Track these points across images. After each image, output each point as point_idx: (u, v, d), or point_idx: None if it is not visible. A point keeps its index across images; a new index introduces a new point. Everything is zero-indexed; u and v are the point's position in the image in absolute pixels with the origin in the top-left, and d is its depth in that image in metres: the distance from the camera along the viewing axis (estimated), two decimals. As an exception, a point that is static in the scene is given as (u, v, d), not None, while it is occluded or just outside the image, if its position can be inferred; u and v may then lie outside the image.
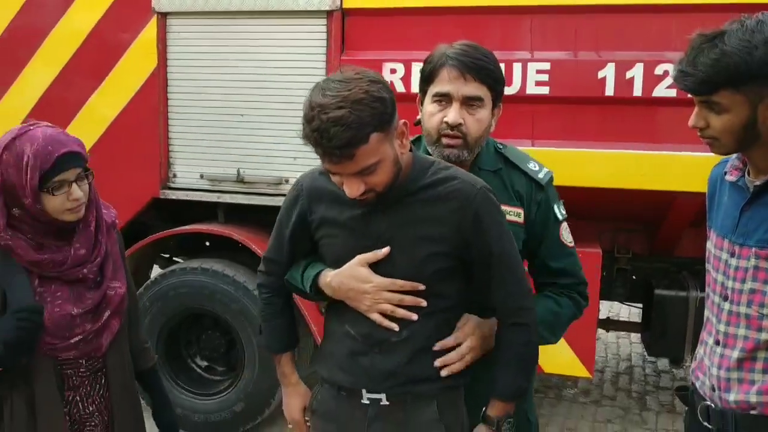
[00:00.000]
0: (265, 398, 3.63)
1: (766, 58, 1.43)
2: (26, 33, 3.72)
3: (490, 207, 1.66)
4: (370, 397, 1.71)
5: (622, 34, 3.06)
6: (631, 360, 4.89)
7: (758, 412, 1.55)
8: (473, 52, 1.86)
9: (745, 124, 1.50)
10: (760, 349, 1.55)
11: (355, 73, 1.54)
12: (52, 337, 1.79)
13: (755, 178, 1.58)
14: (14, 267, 1.77)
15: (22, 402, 1.81)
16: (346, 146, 1.47)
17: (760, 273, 1.53)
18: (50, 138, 1.74)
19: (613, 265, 3.62)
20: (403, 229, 1.65)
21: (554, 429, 3.82)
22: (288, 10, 3.37)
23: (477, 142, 1.87)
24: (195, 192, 3.66)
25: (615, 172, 3.11)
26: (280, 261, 1.85)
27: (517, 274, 1.70)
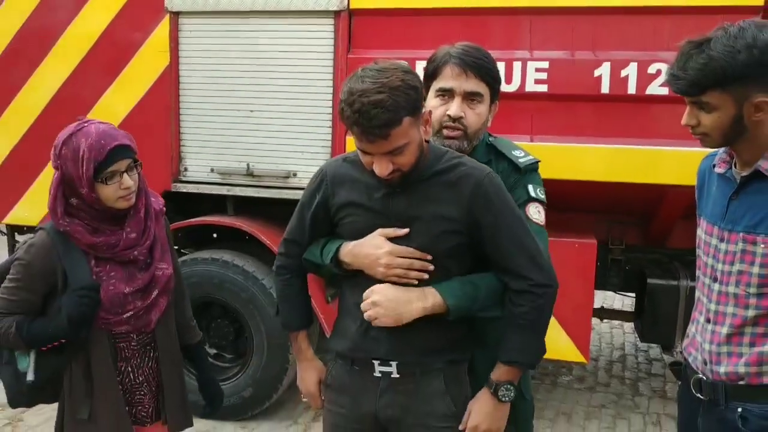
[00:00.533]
0: (273, 384, 3.77)
1: (748, 60, 1.59)
2: (41, 32, 3.84)
3: (496, 188, 1.80)
4: (381, 370, 1.85)
5: (617, 34, 3.20)
6: (624, 349, 5.05)
7: (746, 382, 1.70)
8: (474, 51, 2.03)
9: (732, 121, 1.65)
10: (747, 324, 1.70)
11: (391, 64, 1.70)
12: (107, 313, 1.99)
13: (741, 170, 1.73)
14: (74, 250, 1.98)
15: (80, 371, 2.03)
16: (383, 126, 1.63)
17: (747, 256, 1.68)
18: (103, 133, 1.94)
19: (607, 255, 3.77)
20: (420, 210, 1.79)
21: (550, 413, 3.97)
22: (297, 10, 3.50)
23: (476, 135, 2.03)
24: (205, 185, 3.79)
25: (610, 166, 3.25)
26: (301, 242, 1.98)
27: (525, 246, 1.79)
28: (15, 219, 4.14)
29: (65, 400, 2.07)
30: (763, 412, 1.68)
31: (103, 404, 2.04)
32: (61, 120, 3.74)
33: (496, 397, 1.82)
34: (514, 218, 1.81)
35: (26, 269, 1.99)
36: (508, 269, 1.79)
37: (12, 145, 3.99)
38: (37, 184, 3.99)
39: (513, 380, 1.83)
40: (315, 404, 2.06)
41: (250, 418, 3.83)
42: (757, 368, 1.69)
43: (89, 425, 2.03)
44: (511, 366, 1.82)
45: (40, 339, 1.99)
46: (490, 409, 1.83)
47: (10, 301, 2.00)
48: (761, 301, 1.67)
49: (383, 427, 1.91)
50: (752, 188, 1.70)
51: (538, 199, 2.02)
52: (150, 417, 2.16)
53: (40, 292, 2.01)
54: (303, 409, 4.03)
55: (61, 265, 1.97)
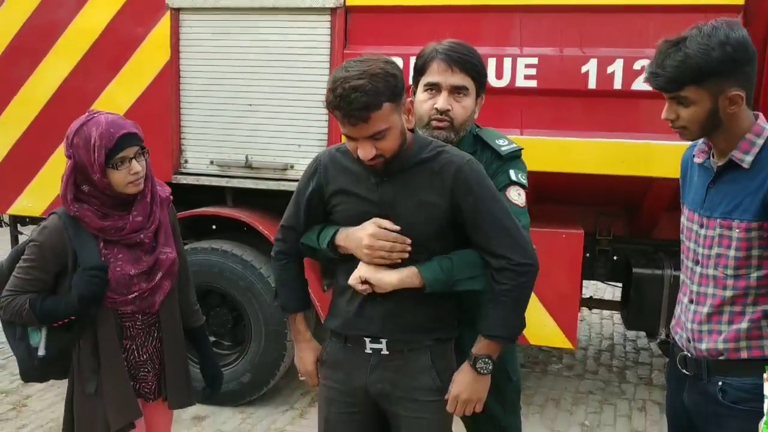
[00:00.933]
0: (270, 370, 3.88)
1: (722, 57, 1.70)
2: (45, 27, 3.94)
3: (476, 174, 1.91)
4: (372, 347, 1.98)
5: (604, 32, 3.31)
6: (613, 339, 5.18)
7: (725, 357, 1.82)
8: (460, 48, 2.16)
9: (708, 114, 1.77)
10: (726, 304, 1.82)
11: (374, 56, 1.82)
12: (114, 293, 2.11)
13: (718, 160, 1.85)
14: (83, 233, 2.10)
15: (88, 348, 2.15)
16: (363, 109, 1.73)
17: (724, 240, 1.80)
18: (111, 122, 2.06)
19: (595, 246, 3.89)
20: (406, 196, 1.91)
21: (540, 399, 4.10)
22: (294, 7, 3.61)
23: (462, 126, 2.16)
24: (205, 177, 3.89)
25: (596, 159, 3.36)
26: (298, 228, 2.09)
27: (504, 227, 1.89)
28: (19, 210, 4.24)
29: (74, 375, 2.19)
30: (740, 385, 1.81)
31: (109, 379, 2.15)
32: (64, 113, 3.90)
33: (475, 369, 1.93)
34: (494, 202, 1.91)
35: (40, 249, 2.11)
36: (489, 249, 1.90)
37: (16, 138, 4.09)
38: (41, 176, 4.09)
39: (492, 354, 1.94)
40: (312, 382, 2.18)
41: (248, 404, 3.95)
42: (734, 344, 1.81)
43: (96, 399, 2.14)
44: (491, 340, 1.93)
45: (52, 315, 2.10)
46: (469, 381, 1.94)
47: (24, 280, 2.12)
48: (738, 282, 1.79)
49: (374, 400, 2.03)
50: (727, 177, 1.82)
51: (519, 183, 2.13)
52: (153, 393, 2.27)
53: (53, 271, 2.12)
54: (300, 394, 4.15)
55: (72, 246, 2.09)
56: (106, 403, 2.15)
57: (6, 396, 4.08)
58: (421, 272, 1.91)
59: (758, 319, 1.79)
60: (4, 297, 2.14)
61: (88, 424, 2.18)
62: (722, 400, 1.82)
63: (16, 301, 2.11)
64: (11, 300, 2.12)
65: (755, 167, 1.77)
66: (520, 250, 1.89)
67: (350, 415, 2.05)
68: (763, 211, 1.74)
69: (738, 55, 1.71)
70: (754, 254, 1.77)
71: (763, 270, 1.77)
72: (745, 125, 1.79)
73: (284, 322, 3.79)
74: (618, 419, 3.88)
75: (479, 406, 2.00)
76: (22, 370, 2.22)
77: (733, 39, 1.71)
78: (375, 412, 2.06)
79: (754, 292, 1.79)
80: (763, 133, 1.79)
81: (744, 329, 1.80)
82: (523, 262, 1.88)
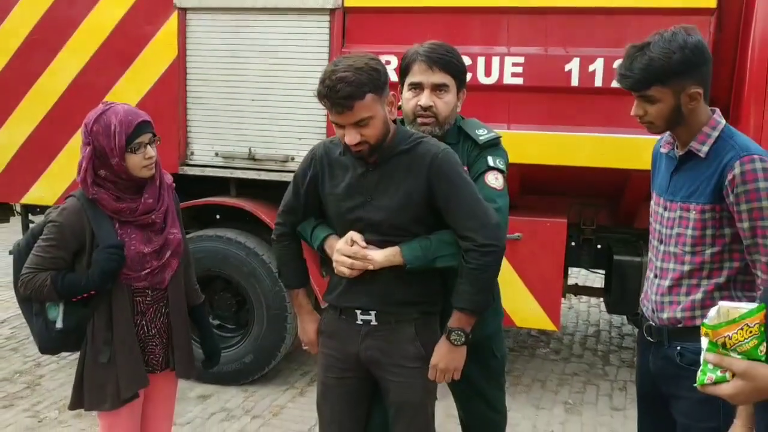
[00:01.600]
0: (272, 351, 4.10)
1: (681, 59, 1.92)
2: (59, 24, 4.14)
3: (449, 162, 2.10)
4: (362, 318, 2.21)
5: (586, 32, 3.53)
6: (599, 325, 5.41)
7: (683, 325, 2.05)
8: (438, 48, 2.37)
9: (672, 110, 1.99)
10: (684, 278, 2.04)
11: (361, 53, 2.07)
12: (128, 269, 2.30)
13: (680, 150, 2.07)
14: (100, 214, 2.29)
15: (102, 321, 2.33)
16: (347, 98, 1.96)
17: (683, 221, 2.03)
18: (129, 111, 2.27)
19: (579, 235, 4.11)
20: (390, 184, 2.12)
21: (527, 380, 4.33)
22: (295, 8, 3.82)
23: (446, 120, 2.36)
24: (210, 168, 4.11)
25: (579, 153, 3.59)
26: (296, 211, 2.31)
27: (471, 211, 2.08)
28: (32, 199, 4.45)
29: (88, 346, 2.34)
30: (695, 348, 1.99)
31: (121, 350, 2.31)
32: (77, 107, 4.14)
33: (450, 341, 2.14)
34: (465, 188, 2.10)
35: (60, 229, 2.27)
36: (458, 231, 2.10)
37: (30, 130, 4.30)
38: (53, 167, 4.30)
39: (464, 327, 2.14)
40: (314, 350, 2.40)
41: (251, 383, 4.17)
42: (690, 313, 2.03)
43: (109, 367, 2.31)
44: (461, 313, 2.13)
45: (73, 290, 2.27)
46: (445, 351, 2.16)
47: (44, 258, 2.26)
48: (694, 258, 2.02)
49: (365, 366, 2.25)
50: (687, 165, 2.05)
51: (496, 168, 2.31)
52: (160, 365, 2.44)
53: (71, 249, 2.28)
54: (299, 375, 4.37)
55: (90, 226, 2.27)
56: (118, 371, 2.31)
57: (20, 376, 4.30)
58: (403, 251, 2.12)
59: (711, 290, 2.01)
60: (25, 274, 2.28)
61: (97, 391, 2.32)
62: (680, 362, 2.05)
63: (38, 277, 2.25)
64: (32, 276, 2.26)
65: (710, 156, 1.99)
66: (484, 232, 2.07)
67: (344, 379, 2.28)
68: (715, 195, 1.96)
69: (695, 57, 1.93)
70: (708, 233, 1.99)
71: (715, 247, 1.99)
72: (703, 119, 2.01)
73: (285, 306, 4.02)
74: (600, 398, 4.12)
75: (456, 374, 2.21)
76: (40, 343, 2.37)
77: (691, 43, 1.93)
78: (366, 377, 2.28)
79: (708, 266, 2.01)
80: (717, 126, 2.01)
81: (698, 299, 2.02)
82: (486, 243, 2.06)
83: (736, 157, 1.91)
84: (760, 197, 1.87)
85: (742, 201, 1.89)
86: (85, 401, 2.36)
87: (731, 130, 2.02)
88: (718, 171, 1.96)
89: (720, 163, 1.94)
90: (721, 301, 1.52)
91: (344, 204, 2.18)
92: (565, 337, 5.12)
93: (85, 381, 2.35)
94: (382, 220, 2.13)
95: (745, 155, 1.91)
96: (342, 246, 2.15)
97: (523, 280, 3.79)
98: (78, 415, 3.77)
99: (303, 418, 3.80)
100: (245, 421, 3.77)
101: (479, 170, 2.30)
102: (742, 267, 1.99)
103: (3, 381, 4.21)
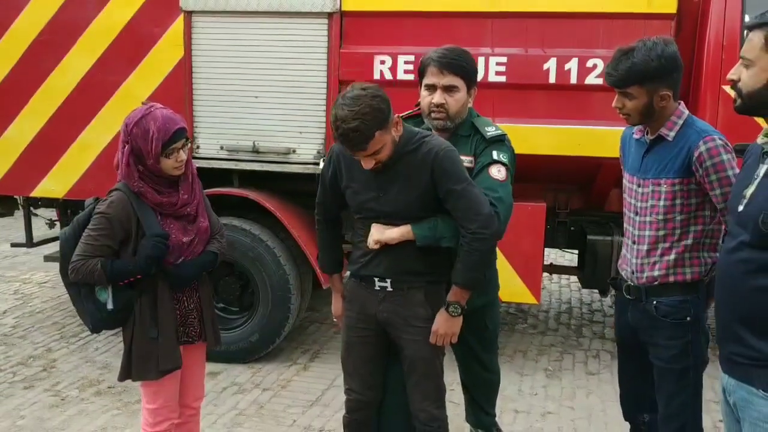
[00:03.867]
0: (276, 330, 4.41)
1: (658, 67, 2.33)
2: (69, 24, 4.36)
3: (450, 160, 2.40)
4: (380, 285, 2.57)
5: (562, 34, 3.93)
6: (570, 302, 5.86)
7: (659, 282, 2.46)
8: (449, 53, 2.69)
9: (645, 106, 2.39)
10: (659, 242, 2.45)
11: (362, 89, 2.30)
12: (170, 256, 2.56)
13: (651, 136, 2.47)
14: (144, 206, 2.54)
15: (148, 301, 2.59)
16: (360, 144, 2.28)
17: (655, 194, 2.43)
18: (167, 118, 2.49)
19: (555, 218, 4.52)
20: (398, 180, 2.45)
21: (509, 351, 4.73)
22: (296, 11, 4.12)
23: (457, 115, 2.69)
24: (216, 161, 4.38)
25: (556, 143, 3.99)
26: (325, 203, 2.70)
27: (466, 205, 2.39)
28: (42, 192, 4.66)
29: (136, 324, 2.59)
30: (669, 301, 2.45)
31: (163, 326, 2.59)
32: (86, 103, 4.40)
33: (448, 312, 2.51)
34: (460, 183, 2.40)
35: (108, 220, 2.50)
36: (457, 222, 2.44)
37: (41, 125, 4.50)
38: (63, 161, 4.52)
39: (460, 300, 2.50)
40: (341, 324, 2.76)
41: (256, 360, 4.47)
42: (665, 272, 2.44)
43: (155, 342, 2.58)
44: (456, 287, 2.49)
45: (122, 275, 2.51)
46: (444, 320, 2.52)
47: (94, 246, 2.48)
48: (666, 224, 2.42)
49: (382, 327, 2.61)
50: (657, 148, 2.46)
51: (499, 161, 2.64)
52: (198, 336, 2.73)
53: (119, 238, 2.52)
54: (301, 352, 4.69)
55: (136, 216, 2.51)
56: (161, 344, 2.58)
57: (34, 360, 4.52)
58: (414, 230, 2.47)
59: (682, 252, 2.43)
60: (76, 261, 2.48)
61: (144, 363, 2.58)
62: (656, 315, 2.46)
63: (88, 263, 2.47)
64: (84, 263, 2.47)
65: (676, 139, 2.40)
66: (476, 222, 2.39)
67: (364, 338, 2.64)
68: (683, 170, 2.37)
69: (669, 65, 2.35)
70: (678, 203, 2.40)
71: (683, 215, 2.41)
72: (670, 113, 2.42)
73: (288, 288, 4.34)
74: (576, 365, 4.55)
75: (454, 338, 2.57)
76: (92, 322, 2.59)
77: (667, 53, 2.34)
78: (383, 336, 2.63)
79: (678, 231, 2.42)
80: (682, 116, 2.42)
81: (672, 260, 2.43)
82: (477, 231, 2.39)
83: (699, 138, 2.33)
84: (725, 167, 2.29)
85: (711, 172, 2.30)
86: (133, 372, 2.62)
87: (693, 118, 2.45)
88: (684, 150, 2.37)
89: (686, 143, 2.36)
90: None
91: (360, 197, 2.53)
92: (541, 313, 5.55)
93: (134, 354, 2.60)
94: (394, 212, 2.49)
95: (706, 136, 2.33)
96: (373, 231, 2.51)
97: (507, 258, 4.17)
98: (98, 393, 4.05)
99: (310, 389, 4.14)
100: (256, 394, 4.08)
101: (485, 162, 2.63)
102: (706, 230, 2.42)
103: (18, 365, 4.44)
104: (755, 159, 1.85)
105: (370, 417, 2.73)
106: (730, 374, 1.87)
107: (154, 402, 2.66)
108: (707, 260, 2.43)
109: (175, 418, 2.73)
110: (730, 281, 1.83)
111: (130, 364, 2.61)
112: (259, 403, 3.96)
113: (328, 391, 4.10)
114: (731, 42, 3.79)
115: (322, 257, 2.84)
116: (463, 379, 3.29)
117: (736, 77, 1.82)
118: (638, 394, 2.68)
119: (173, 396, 2.71)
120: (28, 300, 5.79)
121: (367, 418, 2.73)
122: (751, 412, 1.79)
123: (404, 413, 2.68)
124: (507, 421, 3.75)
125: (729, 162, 2.28)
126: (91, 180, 4.46)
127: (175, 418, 2.73)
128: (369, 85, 2.35)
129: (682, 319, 2.42)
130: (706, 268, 2.43)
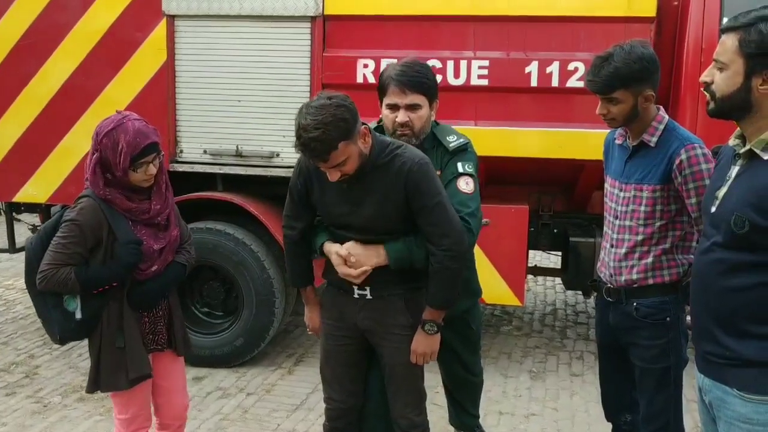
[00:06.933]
0: (261, 334, 4.40)
1: (640, 68, 2.35)
2: (51, 28, 4.33)
3: (423, 174, 2.34)
4: (359, 293, 2.52)
5: (544, 38, 3.96)
6: (555, 305, 5.89)
7: (637, 285, 2.48)
8: (408, 70, 2.62)
9: (631, 109, 2.41)
10: (637, 246, 2.47)
11: (328, 98, 2.21)
12: (141, 264, 2.52)
13: (633, 141, 2.49)
14: (115, 212, 2.49)
15: (115, 309, 2.54)
16: (321, 153, 2.19)
17: (637, 200, 2.45)
18: (138, 131, 2.42)
19: (538, 221, 4.55)
20: (371, 193, 2.38)
21: (494, 353, 4.75)
22: (278, 15, 4.12)
23: (421, 130, 2.65)
24: (199, 165, 4.37)
25: (539, 145, 4.02)
26: (295, 216, 2.59)
27: (437, 221, 2.35)
28: (24, 197, 4.62)
29: (103, 333, 2.52)
30: (649, 303, 2.48)
31: (129, 335, 2.54)
32: (69, 108, 4.37)
33: (424, 330, 2.47)
34: (434, 199, 2.35)
35: (79, 227, 2.42)
36: (427, 237, 2.39)
37: (23, 130, 4.47)
38: (45, 166, 4.49)
39: (435, 319, 2.47)
40: (318, 334, 2.73)
41: (241, 365, 4.46)
42: (643, 274, 2.47)
43: (122, 352, 2.53)
44: (430, 307, 2.47)
45: (95, 282, 2.45)
46: (422, 339, 2.49)
47: (64, 254, 2.41)
48: (646, 229, 2.45)
49: (362, 334, 2.58)
50: (640, 153, 2.48)
51: (466, 173, 2.59)
52: (166, 344, 2.69)
53: (89, 245, 2.45)
54: (286, 356, 4.69)
55: (108, 222, 2.45)
56: (128, 353, 2.51)
57: (17, 366, 4.49)
58: (389, 253, 2.41)
59: (659, 255, 2.45)
60: (46, 270, 2.41)
61: (114, 373, 2.53)
62: (636, 316, 2.49)
63: (60, 272, 2.40)
64: (55, 272, 2.40)
65: (659, 145, 2.43)
66: (446, 239, 2.35)
67: (344, 345, 2.62)
68: (664, 177, 2.40)
69: (651, 66, 2.38)
70: (658, 209, 2.43)
71: (663, 220, 2.43)
72: (652, 116, 2.45)
73: (273, 291, 4.33)
74: (560, 366, 4.57)
75: (433, 356, 2.54)
76: (60, 332, 2.52)
77: (647, 54, 2.37)
78: (363, 343, 2.61)
79: (656, 236, 2.44)
80: (663, 121, 2.45)
81: (650, 263, 2.45)
82: (447, 248, 2.35)
83: (681, 146, 2.36)
84: (704, 177, 2.31)
85: (689, 181, 2.33)
86: (101, 383, 2.56)
87: (674, 124, 2.47)
88: (666, 157, 2.39)
89: (668, 151, 2.38)
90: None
91: (333, 211, 2.47)
92: (525, 315, 5.57)
93: (102, 365, 2.54)
94: (368, 226, 2.42)
95: (688, 144, 2.36)
96: (342, 268, 2.45)
97: (491, 260, 4.20)
98: (81, 399, 4.02)
99: (294, 393, 4.13)
100: (241, 398, 4.07)
101: (451, 175, 2.60)
102: (682, 235, 2.45)
103: (0, 372, 4.40)
104: (727, 161, 1.87)
105: (352, 424, 2.71)
106: (705, 374, 1.89)
107: (126, 412, 2.63)
108: (683, 262, 2.46)
109: (148, 426, 2.70)
110: (704, 282, 1.85)
111: (99, 375, 2.56)
112: (244, 408, 3.95)
113: (312, 395, 4.09)
114: (710, 44, 3.81)
115: (291, 272, 2.70)
116: (445, 382, 3.30)
117: (710, 79, 1.84)
118: (619, 395, 2.70)
119: (145, 404, 2.68)
120: (11, 306, 5.74)
121: (349, 425, 2.70)
122: (727, 411, 1.81)
123: (385, 419, 2.67)
124: (491, 422, 3.77)
125: (708, 171, 2.29)
126: (73, 185, 4.40)
127: (149, 427, 2.70)
128: (335, 94, 2.28)
129: (662, 319, 2.45)
130: (684, 269, 2.45)
